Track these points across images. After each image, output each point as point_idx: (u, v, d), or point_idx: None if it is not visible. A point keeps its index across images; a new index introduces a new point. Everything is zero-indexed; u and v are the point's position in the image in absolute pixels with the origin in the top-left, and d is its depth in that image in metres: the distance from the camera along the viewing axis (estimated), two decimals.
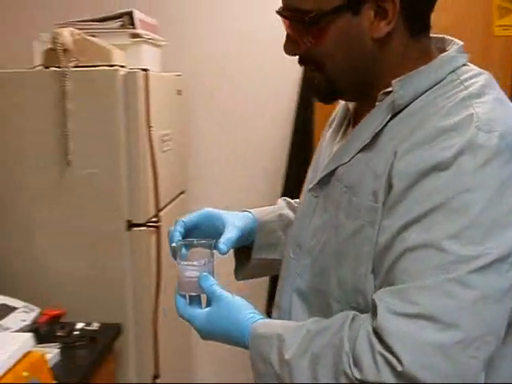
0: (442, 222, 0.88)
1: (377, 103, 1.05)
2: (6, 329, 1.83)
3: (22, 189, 2.15)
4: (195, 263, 1.11)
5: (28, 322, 1.91)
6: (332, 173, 1.09)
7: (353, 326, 0.92)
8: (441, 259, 0.87)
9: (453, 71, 1.03)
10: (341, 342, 0.91)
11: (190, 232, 1.22)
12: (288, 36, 1.07)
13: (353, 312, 0.96)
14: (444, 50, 1.07)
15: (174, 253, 1.16)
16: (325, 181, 1.11)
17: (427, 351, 0.85)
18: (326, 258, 1.04)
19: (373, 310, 0.91)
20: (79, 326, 2.04)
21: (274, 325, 1.02)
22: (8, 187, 2.16)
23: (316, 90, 1.09)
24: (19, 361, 1.34)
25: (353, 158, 1.06)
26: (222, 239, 1.17)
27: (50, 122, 2.08)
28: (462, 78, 1.02)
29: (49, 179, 2.12)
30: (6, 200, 2.16)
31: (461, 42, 1.08)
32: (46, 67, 2.11)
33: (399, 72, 1.03)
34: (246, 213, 1.31)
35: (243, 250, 1.32)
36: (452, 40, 1.10)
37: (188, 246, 1.15)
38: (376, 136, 1.03)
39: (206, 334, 1.09)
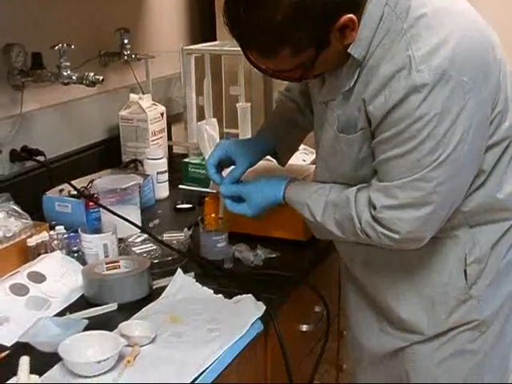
0: (405, 140, 1.22)
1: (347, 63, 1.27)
2: None
3: None
4: (223, 237, 1.60)
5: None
6: (326, 102, 1.37)
7: (357, 206, 1.32)
8: (407, 165, 1.24)
9: (386, 4, 1.22)
10: (352, 218, 1.32)
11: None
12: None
13: (354, 192, 1.33)
14: None
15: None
16: (324, 104, 1.38)
17: (411, 222, 1.27)
18: (340, 165, 1.37)
19: (370, 201, 1.30)
20: None
21: (301, 193, 1.42)
22: None
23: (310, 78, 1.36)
24: None
25: (337, 96, 1.32)
26: (227, 179, 1.53)
27: None
28: (396, 10, 1.22)
29: None
30: None
31: None
32: None
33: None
34: (262, 138, 1.60)
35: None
36: None
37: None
38: (353, 85, 1.28)
39: (258, 210, 1.49)
